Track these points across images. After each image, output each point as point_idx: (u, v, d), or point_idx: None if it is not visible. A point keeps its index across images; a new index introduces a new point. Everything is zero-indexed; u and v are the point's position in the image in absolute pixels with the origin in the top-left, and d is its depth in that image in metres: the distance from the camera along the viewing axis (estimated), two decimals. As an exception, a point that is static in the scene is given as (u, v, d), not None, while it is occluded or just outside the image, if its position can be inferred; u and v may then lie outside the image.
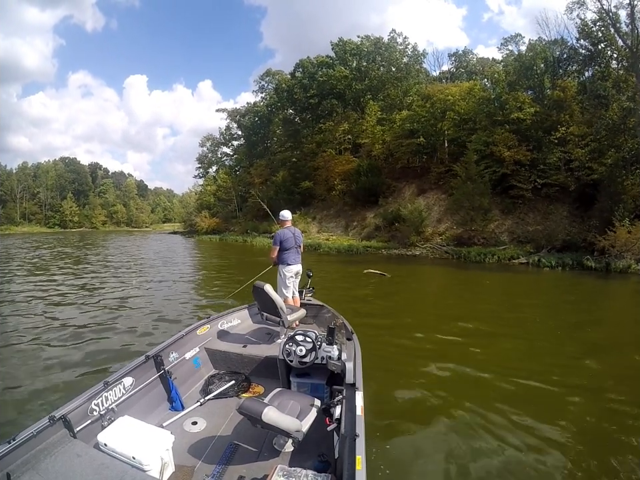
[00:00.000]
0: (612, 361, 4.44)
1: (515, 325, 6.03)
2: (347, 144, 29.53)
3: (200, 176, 49.62)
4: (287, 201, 28.55)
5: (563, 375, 3.97)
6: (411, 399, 3.59)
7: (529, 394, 3.62)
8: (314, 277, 4.62)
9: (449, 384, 3.83)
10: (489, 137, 19.06)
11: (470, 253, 15.43)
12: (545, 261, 13.33)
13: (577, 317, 6.62)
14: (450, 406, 3.42)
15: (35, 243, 27.66)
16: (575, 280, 11.14)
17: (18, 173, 65.81)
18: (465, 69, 32.78)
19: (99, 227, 68.01)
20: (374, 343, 4.68)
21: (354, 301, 7.44)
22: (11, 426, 2.85)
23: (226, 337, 3.53)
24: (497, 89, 21.04)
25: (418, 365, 4.25)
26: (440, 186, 21.76)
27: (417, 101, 24.68)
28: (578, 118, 17.57)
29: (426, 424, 3.15)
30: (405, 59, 29.08)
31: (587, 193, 15.71)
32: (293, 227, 4.27)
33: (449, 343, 5.01)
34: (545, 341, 5.06)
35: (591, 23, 18.10)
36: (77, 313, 6.48)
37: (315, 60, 31.91)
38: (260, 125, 39.63)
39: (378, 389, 3.44)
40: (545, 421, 3.10)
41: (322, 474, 1.81)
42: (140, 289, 8.83)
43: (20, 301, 7.32)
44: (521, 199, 17.78)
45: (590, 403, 3.46)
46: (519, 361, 4.42)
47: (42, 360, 4.32)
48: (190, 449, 2.19)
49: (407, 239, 18.39)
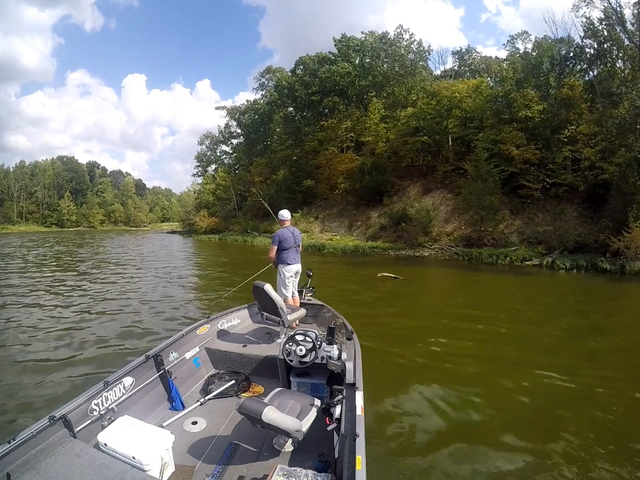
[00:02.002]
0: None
1: (550, 338, 5.54)
2: (349, 142, 29.51)
3: (198, 174, 49.86)
4: (288, 200, 28.49)
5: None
6: (413, 400, 3.63)
7: (546, 399, 3.64)
8: (314, 277, 4.68)
9: (460, 386, 3.88)
10: (497, 135, 19.01)
11: (481, 254, 15.24)
12: (559, 263, 13.13)
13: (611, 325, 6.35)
14: (451, 407, 3.46)
15: (29, 243, 27.87)
16: (593, 283, 10.90)
17: (15, 171, 66.28)
18: (468, 67, 32.73)
19: (96, 226, 68.39)
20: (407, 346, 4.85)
21: (376, 306, 7.36)
22: (10, 426, 2.91)
23: (226, 337, 3.58)
24: (506, 86, 21.00)
25: (437, 369, 4.32)
26: (446, 185, 21.69)
27: (423, 98, 24.66)
28: (587, 117, 17.51)
29: (426, 424, 3.19)
30: (411, 55, 29.06)
31: (597, 193, 15.63)
32: (292, 226, 4.35)
33: (469, 349, 4.97)
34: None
35: (597, 22, 18.20)
36: (69, 313, 6.56)
37: (316, 57, 31.90)
38: (260, 123, 39.69)
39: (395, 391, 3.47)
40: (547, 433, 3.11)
41: (322, 474, 1.84)
42: (138, 291, 8.84)
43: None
44: (530, 198, 17.69)
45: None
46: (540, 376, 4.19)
47: (41, 360, 4.40)
48: (190, 448, 2.23)
49: (414, 240, 18.26)
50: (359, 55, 30.52)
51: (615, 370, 4.34)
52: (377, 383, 3.54)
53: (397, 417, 3.32)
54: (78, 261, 15.71)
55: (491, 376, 4.19)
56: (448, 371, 4.29)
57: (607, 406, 3.49)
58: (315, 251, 19.74)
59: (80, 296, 8.03)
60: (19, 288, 9.09)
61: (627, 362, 4.61)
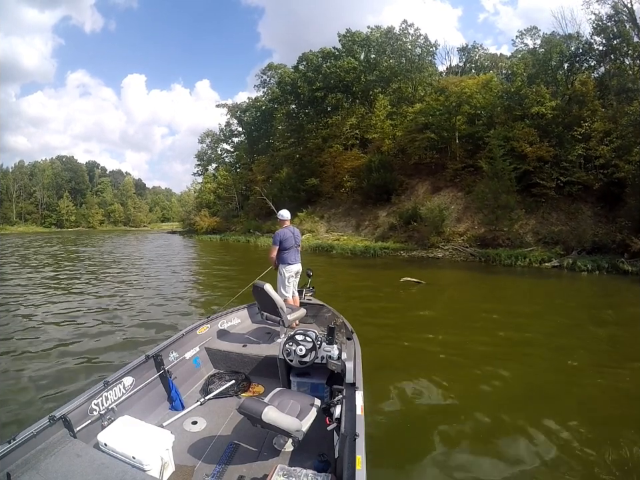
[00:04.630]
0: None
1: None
2: (354, 139, 29.47)
3: (199, 173, 50.20)
4: (292, 199, 28.51)
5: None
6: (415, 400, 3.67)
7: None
8: (314, 277, 4.76)
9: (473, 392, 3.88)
10: (509, 132, 18.89)
11: (499, 255, 14.95)
12: (580, 265, 12.85)
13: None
14: (452, 407, 3.50)
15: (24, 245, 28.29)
16: (621, 286, 10.47)
17: (14, 171, 67.35)
18: (474, 64, 32.76)
19: (96, 226, 69.30)
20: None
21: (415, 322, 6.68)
22: (9, 426, 2.99)
23: (226, 337, 3.66)
24: (517, 82, 20.91)
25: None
26: (456, 183, 21.59)
27: (431, 93, 24.59)
28: (602, 113, 17.37)
29: (427, 424, 3.24)
30: (418, 50, 29.01)
31: (612, 191, 15.46)
32: (292, 226, 4.45)
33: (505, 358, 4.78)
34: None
35: (606, 19, 18.12)
36: (72, 315, 6.64)
37: (320, 52, 31.88)
38: (262, 121, 39.85)
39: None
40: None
41: (322, 474, 1.88)
42: (136, 294, 8.89)
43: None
44: (544, 197, 17.51)
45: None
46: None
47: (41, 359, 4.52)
48: (190, 448, 2.28)
49: (426, 240, 18.03)
50: (364, 50, 30.55)
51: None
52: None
53: (397, 415, 3.36)
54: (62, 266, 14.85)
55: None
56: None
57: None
58: (322, 252, 19.32)
59: (71, 299, 8.00)
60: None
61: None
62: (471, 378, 4.25)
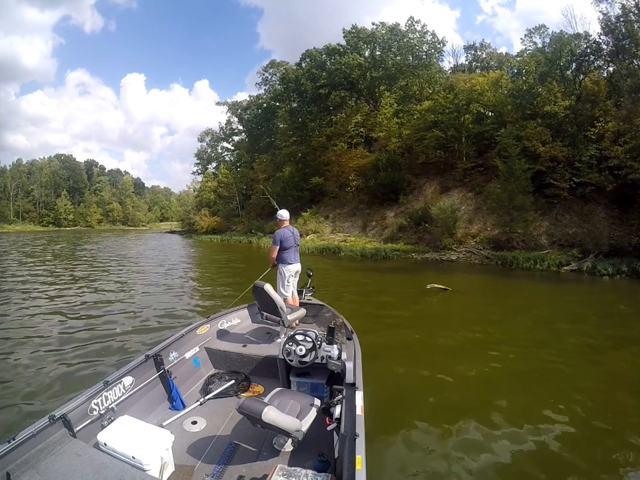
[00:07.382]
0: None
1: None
2: (359, 138, 29.48)
3: (199, 172, 50.59)
4: (295, 198, 28.57)
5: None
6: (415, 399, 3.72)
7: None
8: (315, 277, 4.85)
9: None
10: (521, 130, 18.81)
11: (517, 258, 14.76)
12: (601, 269, 12.68)
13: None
14: (453, 407, 3.54)
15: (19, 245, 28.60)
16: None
17: (12, 170, 68.20)
18: (480, 62, 32.83)
19: (94, 225, 70.03)
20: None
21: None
22: (9, 426, 3.06)
23: (226, 337, 3.73)
24: (529, 80, 20.88)
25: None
26: (465, 183, 21.49)
27: (439, 91, 24.58)
28: (614, 113, 17.28)
29: (427, 424, 3.28)
30: (425, 47, 29.03)
31: (626, 193, 15.39)
32: (291, 226, 4.57)
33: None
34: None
35: (614, 19, 18.14)
36: (68, 317, 6.67)
37: (324, 49, 31.86)
38: (263, 119, 40.00)
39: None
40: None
41: (322, 474, 1.93)
42: (136, 294, 8.99)
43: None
44: (557, 198, 17.42)
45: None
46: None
47: (40, 359, 4.61)
48: (190, 448, 2.33)
49: (438, 242, 17.90)
50: (369, 46, 30.56)
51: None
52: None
53: (397, 416, 3.40)
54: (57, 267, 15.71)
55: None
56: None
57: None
58: (329, 254, 18.69)
59: (69, 302, 7.98)
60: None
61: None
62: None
